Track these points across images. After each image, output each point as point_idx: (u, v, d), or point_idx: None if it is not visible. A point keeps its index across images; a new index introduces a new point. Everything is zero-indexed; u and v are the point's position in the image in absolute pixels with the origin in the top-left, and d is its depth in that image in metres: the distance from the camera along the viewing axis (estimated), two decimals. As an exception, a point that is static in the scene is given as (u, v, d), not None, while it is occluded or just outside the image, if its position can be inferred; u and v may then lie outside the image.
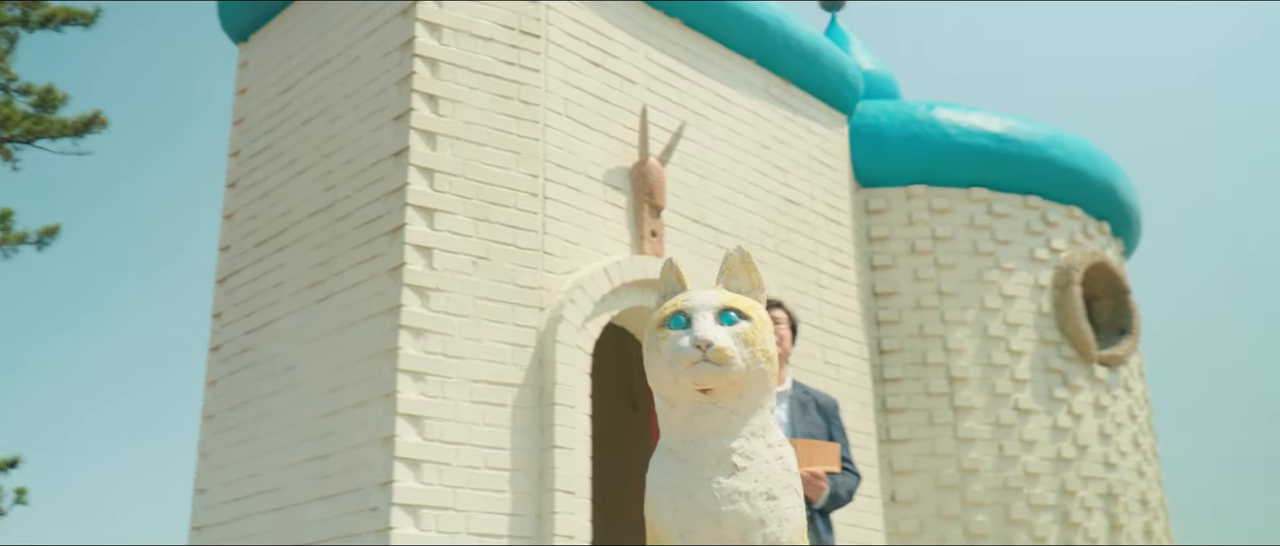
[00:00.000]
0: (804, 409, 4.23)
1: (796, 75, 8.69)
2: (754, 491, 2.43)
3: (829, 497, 4.12)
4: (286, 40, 7.74)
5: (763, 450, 2.49)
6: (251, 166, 7.67)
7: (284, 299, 7.03)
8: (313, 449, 6.48)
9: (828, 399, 4.34)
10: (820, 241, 8.55)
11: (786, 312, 4.34)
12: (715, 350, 2.39)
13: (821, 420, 4.26)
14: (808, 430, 4.18)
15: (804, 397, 4.27)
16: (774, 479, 2.47)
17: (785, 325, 4.31)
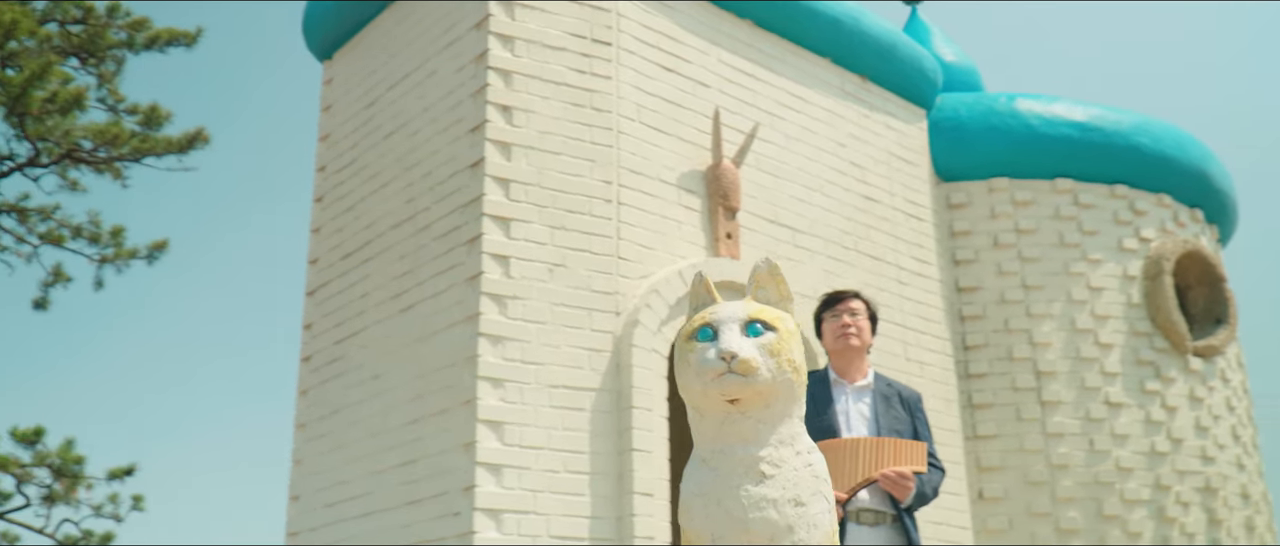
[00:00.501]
0: (888, 403, 4.14)
1: (873, 71, 8.66)
2: (782, 498, 2.49)
3: (916, 496, 4.01)
4: (368, 57, 7.94)
5: (791, 457, 2.54)
6: (337, 181, 7.89)
7: (369, 309, 7.23)
8: (398, 455, 6.66)
9: (911, 392, 4.24)
10: (900, 238, 8.50)
11: (865, 303, 4.25)
12: (740, 361, 2.45)
13: (906, 414, 4.16)
14: (892, 424, 4.09)
15: (887, 391, 4.17)
16: (802, 486, 2.52)
17: (864, 316, 4.21)
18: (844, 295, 4.24)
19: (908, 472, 3.92)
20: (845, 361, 4.13)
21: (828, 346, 4.17)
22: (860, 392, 4.12)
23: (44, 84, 15.12)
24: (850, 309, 4.16)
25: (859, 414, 4.09)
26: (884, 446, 3.91)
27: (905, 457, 3.94)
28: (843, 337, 4.12)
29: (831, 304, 4.23)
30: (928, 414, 4.48)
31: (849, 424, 4.06)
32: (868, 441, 3.92)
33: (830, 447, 3.82)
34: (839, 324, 4.13)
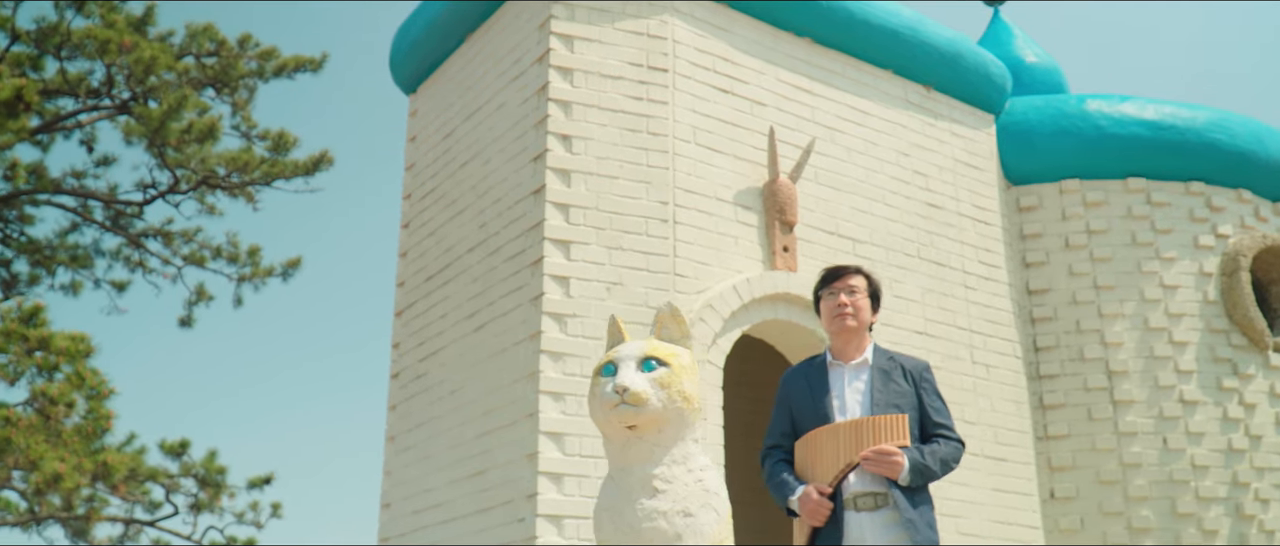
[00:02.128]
0: (887, 377, 3.88)
1: (937, 80, 8.82)
2: (672, 510, 2.89)
3: (911, 471, 3.70)
4: (447, 90, 8.47)
5: (683, 475, 2.95)
6: (421, 207, 8.44)
7: (448, 329, 7.75)
8: (472, 466, 7.16)
9: (916, 361, 3.97)
10: (966, 243, 8.66)
11: (866, 278, 4.01)
12: (631, 393, 2.87)
13: (908, 386, 3.88)
14: (891, 399, 3.82)
15: (887, 364, 3.92)
16: (692, 499, 2.92)
17: (863, 294, 3.97)
18: (841, 272, 4.02)
19: (888, 447, 3.67)
20: (842, 341, 3.93)
21: (825, 327, 3.98)
22: (857, 371, 3.92)
23: (180, 115, 16.20)
24: (848, 286, 3.95)
25: (855, 393, 3.89)
26: (862, 427, 3.73)
27: (886, 434, 3.72)
28: (839, 319, 3.92)
29: (828, 281, 4.02)
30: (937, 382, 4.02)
31: (844, 407, 3.86)
32: (844, 425, 3.76)
33: (807, 442, 3.80)
34: (834, 303, 3.93)
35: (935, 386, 3.95)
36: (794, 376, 4.01)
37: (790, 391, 3.97)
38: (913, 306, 8.15)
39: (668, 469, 2.94)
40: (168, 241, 18.03)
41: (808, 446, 3.81)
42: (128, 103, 16.93)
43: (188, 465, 17.27)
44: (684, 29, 7.70)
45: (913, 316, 8.12)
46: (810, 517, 3.71)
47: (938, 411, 3.90)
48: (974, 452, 8.12)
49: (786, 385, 4.01)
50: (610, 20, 7.51)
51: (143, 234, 17.93)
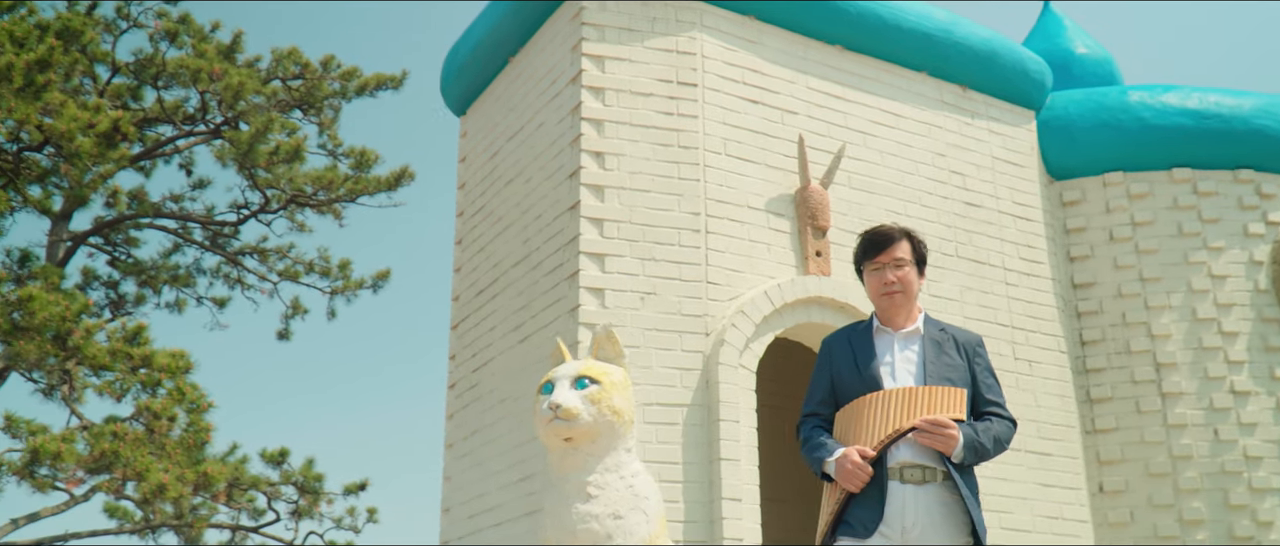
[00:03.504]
0: (939, 347, 3.70)
1: (973, 79, 8.92)
2: (603, 513, 3.18)
3: (965, 447, 3.49)
4: (492, 111, 8.84)
5: (615, 482, 3.24)
6: (472, 224, 8.82)
7: (496, 340, 8.11)
8: (520, 471, 7.51)
9: (969, 335, 3.78)
10: (1007, 240, 8.74)
11: (911, 242, 3.78)
12: (562, 410, 3.17)
13: (961, 359, 3.69)
14: (943, 372, 3.62)
15: (939, 336, 3.74)
16: (622, 503, 3.20)
17: (909, 265, 3.75)
18: (885, 242, 3.76)
19: (945, 420, 3.46)
20: (891, 311, 3.74)
21: (871, 299, 3.79)
22: (908, 340, 3.73)
23: (267, 137, 16.91)
24: (895, 260, 3.73)
25: (906, 362, 3.69)
26: (916, 395, 3.53)
27: (941, 405, 3.51)
28: (887, 297, 3.73)
29: (871, 252, 3.78)
30: (990, 358, 3.80)
31: (894, 374, 3.66)
32: (898, 392, 3.56)
33: (852, 409, 3.61)
34: (880, 281, 3.74)
35: (988, 362, 3.77)
36: (838, 340, 3.82)
37: (834, 356, 3.78)
38: (951, 305, 8.27)
39: (600, 476, 3.22)
40: (263, 258, 18.83)
41: (852, 413, 3.62)
42: (220, 127, 17.74)
43: (287, 473, 18.02)
44: (713, 44, 7.94)
45: (951, 315, 8.24)
46: (847, 481, 3.49)
47: (990, 388, 3.71)
48: (1017, 448, 8.21)
49: (830, 349, 3.81)
50: (640, 39, 7.79)
51: (240, 252, 18.74)
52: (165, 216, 18.01)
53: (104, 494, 16.13)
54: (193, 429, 14.49)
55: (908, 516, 3.46)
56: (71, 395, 15.18)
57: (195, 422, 14.54)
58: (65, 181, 15.18)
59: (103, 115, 14.25)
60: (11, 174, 15.49)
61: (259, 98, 17.65)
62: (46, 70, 13.86)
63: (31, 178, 15.44)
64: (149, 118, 17.92)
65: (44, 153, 15.19)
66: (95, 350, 13.67)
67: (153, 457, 14.03)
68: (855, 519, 3.49)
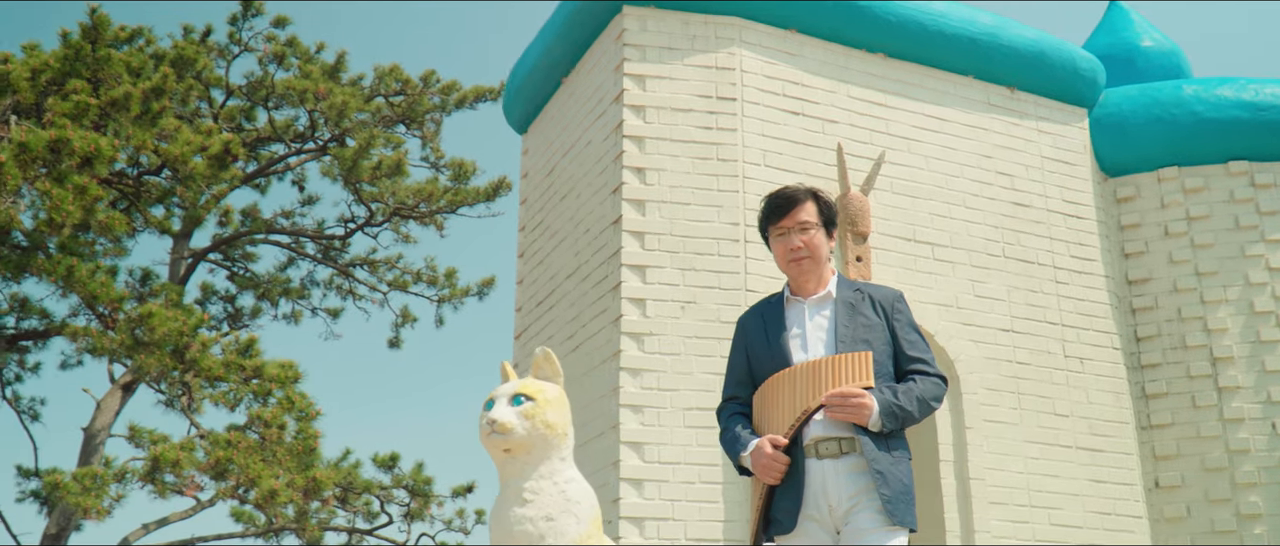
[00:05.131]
0: (853, 309, 3.50)
1: (1021, 80, 8.99)
2: (537, 516, 3.52)
3: (882, 414, 3.31)
4: (549, 130, 9.24)
5: (548, 487, 3.57)
6: (532, 238, 9.24)
7: (553, 349, 8.50)
8: (573, 473, 7.88)
9: (886, 290, 3.60)
10: (1057, 238, 8.79)
11: (819, 204, 3.60)
12: (498, 425, 3.52)
13: (878, 317, 3.50)
14: (858, 334, 3.44)
15: (853, 297, 3.54)
16: (553, 507, 3.54)
17: (816, 227, 3.56)
18: (787, 204, 3.58)
19: (853, 390, 3.29)
20: (801, 278, 3.57)
21: (780, 268, 3.62)
22: (819, 305, 3.55)
23: (370, 153, 17.65)
24: (799, 223, 3.55)
25: (817, 330, 3.50)
26: (820, 369, 3.36)
27: (846, 374, 3.34)
28: (794, 263, 3.56)
29: (774, 216, 3.60)
30: (911, 311, 3.68)
31: (806, 345, 3.48)
32: (801, 368, 3.39)
33: (763, 390, 3.48)
34: (786, 247, 3.56)
35: (910, 317, 3.58)
36: (751, 315, 3.66)
37: (747, 334, 3.63)
38: (998, 305, 8.38)
39: (536, 483, 3.57)
40: (373, 269, 19.62)
41: (765, 395, 3.48)
42: (327, 144, 18.56)
43: (399, 477, 18.78)
44: (752, 58, 8.19)
45: (998, 315, 8.35)
46: (764, 474, 3.34)
47: (913, 345, 3.52)
48: (1067, 445, 8.28)
49: (743, 327, 3.67)
50: (680, 57, 8.09)
51: (351, 264, 19.57)
52: (278, 232, 18.92)
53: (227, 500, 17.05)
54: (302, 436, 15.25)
55: (831, 494, 3.30)
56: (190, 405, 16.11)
57: (304, 430, 15.31)
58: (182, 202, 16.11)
59: (214, 138, 15.10)
60: (133, 197, 16.48)
61: (363, 114, 18.43)
62: (161, 97, 14.74)
63: (151, 200, 16.40)
64: (262, 137, 18.85)
65: (161, 175, 16.14)
66: (210, 362, 14.52)
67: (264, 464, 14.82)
68: (780, 512, 3.34)
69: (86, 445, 18.21)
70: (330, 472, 15.37)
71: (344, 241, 19.15)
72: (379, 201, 18.21)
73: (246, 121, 18.85)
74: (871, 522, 3.27)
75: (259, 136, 18.84)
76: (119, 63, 15.03)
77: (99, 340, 14.24)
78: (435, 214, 18.38)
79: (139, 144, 14.66)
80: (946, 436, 7.91)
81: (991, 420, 8.06)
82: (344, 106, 17.39)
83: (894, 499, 3.27)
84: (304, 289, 19.67)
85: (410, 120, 18.90)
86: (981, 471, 7.87)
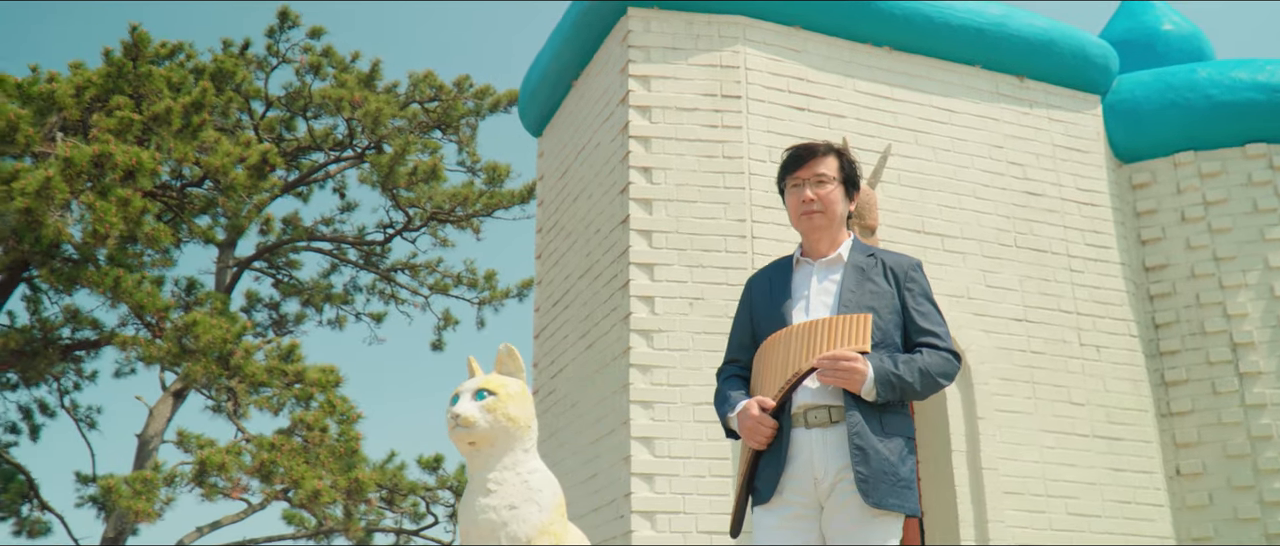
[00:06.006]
0: (862, 273, 3.31)
1: (1030, 69, 8.96)
2: (500, 505, 3.65)
3: (878, 383, 3.09)
4: (562, 132, 9.36)
5: (511, 478, 3.70)
6: (548, 240, 9.37)
7: (567, 348, 8.63)
8: (587, 470, 8.00)
9: (902, 257, 3.40)
10: (1070, 226, 8.77)
11: (838, 159, 3.44)
12: (461, 419, 3.64)
13: (888, 285, 3.31)
14: (864, 300, 3.25)
15: (865, 261, 3.36)
16: (516, 496, 3.66)
17: (833, 182, 3.38)
18: (806, 155, 3.43)
19: (847, 353, 3.08)
20: (813, 237, 3.40)
21: (792, 224, 3.45)
22: (829, 268, 3.38)
23: (406, 159, 17.89)
24: (816, 175, 3.37)
25: (822, 294, 3.32)
26: (816, 330, 3.16)
27: (843, 336, 3.13)
28: (806, 217, 3.37)
29: (790, 167, 3.44)
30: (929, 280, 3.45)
31: (808, 309, 3.31)
32: (797, 328, 3.20)
33: (763, 349, 3.29)
34: (799, 199, 3.39)
35: (926, 287, 3.37)
36: (758, 278, 3.53)
37: (753, 296, 3.48)
38: (1010, 295, 8.38)
39: (499, 473, 3.70)
40: (414, 273, 19.88)
41: (759, 358, 3.31)
42: (364, 152, 18.84)
43: (443, 478, 19.00)
44: (756, 56, 8.26)
45: (1011, 304, 8.35)
46: (748, 437, 3.16)
47: (924, 316, 3.31)
48: (1084, 433, 8.26)
49: (749, 288, 3.53)
50: (684, 57, 8.18)
51: (392, 268, 19.84)
52: (319, 239, 19.23)
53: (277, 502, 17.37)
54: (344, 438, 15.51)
55: (817, 466, 3.09)
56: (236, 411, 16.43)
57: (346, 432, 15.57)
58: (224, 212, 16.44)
59: (252, 149, 15.40)
60: (177, 208, 16.84)
61: (399, 121, 18.70)
62: (201, 111, 15.06)
63: (195, 210, 16.75)
64: (302, 147, 19.19)
65: (204, 186, 16.49)
66: (254, 368, 14.82)
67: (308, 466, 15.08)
68: (762, 480, 3.16)
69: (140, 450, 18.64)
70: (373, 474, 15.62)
71: (384, 247, 19.43)
72: (416, 206, 18.46)
73: (286, 131, 19.19)
74: (856, 505, 3.05)
75: (299, 146, 19.16)
76: (160, 78, 15.37)
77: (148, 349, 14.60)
78: (471, 217, 18.60)
79: (181, 156, 15.00)
80: (959, 427, 7.92)
81: (1005, 410, 8.06)
82: (378, 114, 17.65)
83: (872, 478, 3.02)
84: (347, 294, 19.97)
85: (445, 125, 19.14)
86: (995, 461, 7.88)
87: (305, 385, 15.26)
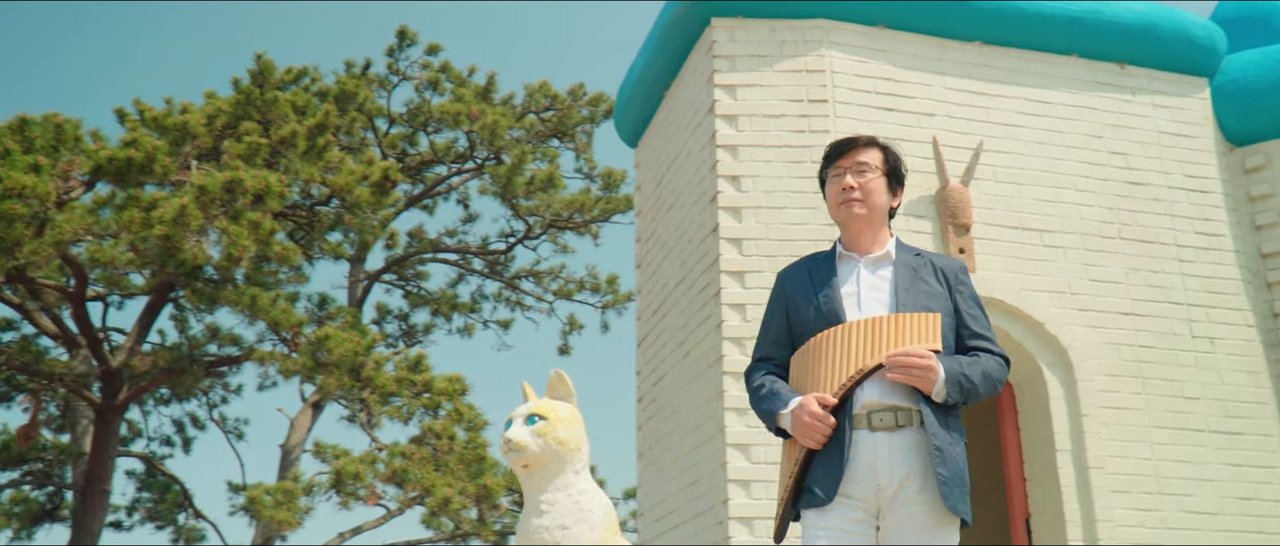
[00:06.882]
0: (915, 273, 3.21)
1: (1130, 55, 8.72)
2: (552, 526, 3.79)
3: (948, 383, 2.99)
4: (657, 142, 9.47)
5: (563, 499, 3.84)
6: (647, 249, 9.49)
7: (667, 356, 8.74)
8: (688, 477, 8.10)
9: (950, 260, 3.30)
10: (1179, 215, 8.51)
11: (883, 152, 3.36)
12: (512, 444, 3.79)
13: (940, 286, 3.21)
14: (919, 300, 3.15)
15: (915, 261, 3.26)
16: (568, 517, 3.81)
17: (876, 173, 3.29)
18: (847, 146, 3.34)
19: (919, 351, 2.96)
20: (854, 231, 3.29)
21: (832, 216, 3.35)
22: (877, 265, 3.25)
23: (523, 169, 18.25)
24: (856, 164, 3.29)
25: (874, 291, 3.19)
26: (882, 325, 3.04)
27: (913, 334, 3.01)
28: (845, 205, 3.27)
29: (831, 157, 3.37)
30: (974, 287, 3.30)
31: (860, 304, 3.17)
32: (860, 324, 3.07)
33: (815, 345, 3.12)
34: (838, 188, 3.30)
35: (973, 290, 3.30)
36: (794, 271, 3.38)
37: (789, 289, 3.33)
38: (1116, 288, 8.18)
39: (551, 495, 3.85)
40: (538, 280, 20.24)
41: (809, 354, 3.13)
42: (484, 163, 19.26)
43: (572, 481, 19.34)
44: (842, 58, 8.23)
45: (1117, 298, 8.16)
46: (805, 436, 3.00)
47: (975, 320, 3.22)
48: (1198, 428, 8.03)
49: (784, 282, 3.38)
50: (769, 64, 8.21)
51: (516, 276, 20.23)
52: (444, 250, 19.72)
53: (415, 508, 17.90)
54: (471, 445, 15.91)
55: (882, 472, 2.95)
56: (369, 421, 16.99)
57: (473, 439, 15.97)
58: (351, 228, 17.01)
59: (374, 167, 15.91)
60: (307, 226, 17.48)
61: (516, 131, 19.07)
62: (324, 132, 15.62)
63: (324, 228, 17.38)
64: (425, 161, 19.71)
65: (331, 205, 17.10)
66: (384, 379, 15.31)
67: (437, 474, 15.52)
68: (817, 482, 3.00)
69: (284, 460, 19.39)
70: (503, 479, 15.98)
71: (506, 255, 19.83)
72: (535, 215, 18.80)
73: (409, 147, 19.73)
74: (923, 511, 2.95)
75: (422, 160, 19.69)
76: (285, 103, 15.99)
77: (284, 363, 15.22)
78: (589, 223, 18.85)
79: (308, 177, 15.58)
80: (1062, 425, 7.78)
81: (1112, 407, 7.89)
82: (495, 126, 18.03)
83: (951, 481, 2.93)
84: (475, 303, 20.44)
85: (561, 133, 19.45)
86: (1102, 459, 7.72)
87: (433, 394, 15.71)
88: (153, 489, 19.24)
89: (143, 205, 13.16)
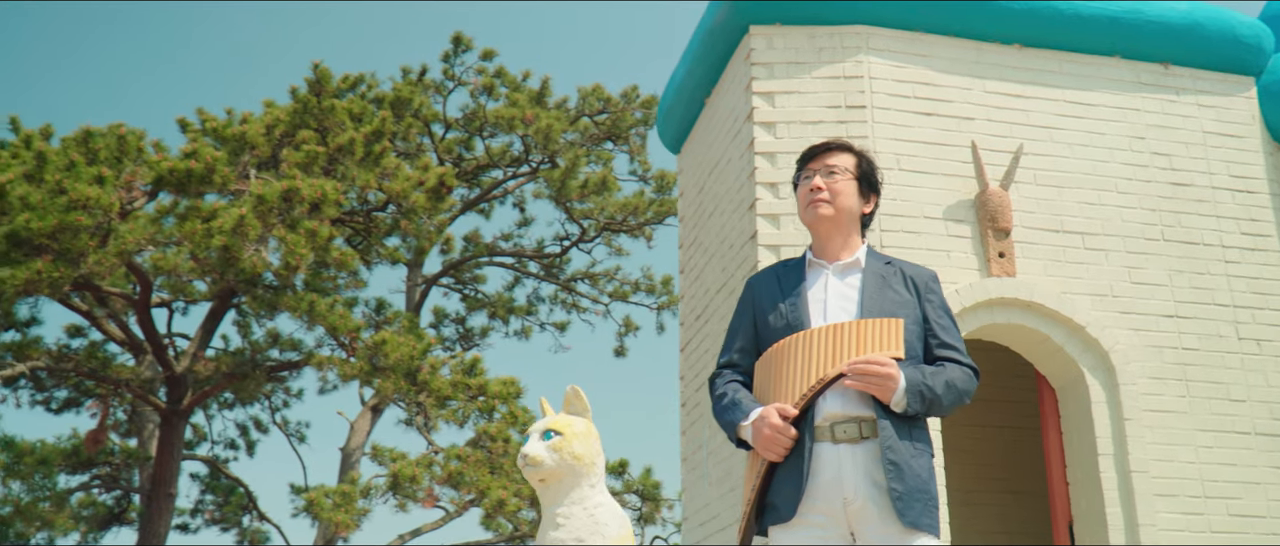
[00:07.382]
0: (883, 281, 3.16)
1: (1173, 55, 8.64)
2: (568, 539, 3.89)
3: (909, 392, 2.92)
4: (698, 149, 9.55)
5: (579, 513, 3.94)
6: (690, 255, 9.57)
7: (709, 362, 8.81)
8: (729, 482, 8.17)
9: (921, 269, 3.26)
10: (1224, 216, 8.43)
11: (855, 156, 3.32)
12: (529, 458, 3.90)
13: (909, 294, 3.16)
14: (886, 307, 3.09)
15: (884, 269, 3.21)
16: (583, 530, 3.90)
17: (847, 175, 3.25)
18: (819, 149, 3.32)
19: (880, 358, 2.90)
20: (823, 236, 3.25)
21: (801, 219, 3.31)
22: (845, 272, 3.21)
23: (577, 172, 18.39)
24: (826, 166, 3.26)
25: (841, 298, 3.14)
26: (843, 332, 2.96)
27: (874, 341, 2.94)
28: (812, 206, 3.23)
29: (802, 162, 3.33)
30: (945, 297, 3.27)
31: (826, 312, 3.11)
32: (821, 331, 3.00)
33: (776, 352, 3.05)
34: (807, 189, 3.26)
35: (943, 299, 3.25)
36: (763, 277, 3.36)
37: (757, 295, 3.30)
38: (1159, 291, 8.12)
39: (567, 508, 3.95)
40: (594, 283, 20.39)
41: (770, 362, 3.07)
42: (538, 167, 19.43)
43: (629, 482, 19.43)
44: (880, 64, 8.25)
45: (1160, 301, 8.10)
46: (765, 449, 2.94)
47: (945, 330, 3.16)
48: (1245, 430, 7.96)
49: (752, 288, 3.35)
50: (807, 71, 8.25)
51: (571, 279, 20.40)
52: (500, 254, 19.93)
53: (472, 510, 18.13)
54: (526, 447, 16.06)
55: (847, 486, 2.88)
56: (425, 424, 17.22)
57: (527, 441, 16.12)
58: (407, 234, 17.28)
59: (430, 172, 16.14)
60: (364, 232, 17.78)
61: (571, 135, 19.22)
62: (381, 139, 15.87)
63: (381, 234, 17.66)
64: (480, 165, 19.93)
65: (387, 211, 17.37)
66: (440, 383, 15.54)
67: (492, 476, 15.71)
68: (779, 497, 2.95)
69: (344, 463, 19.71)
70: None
71: (562, 258, 19.99)
72: (590, 218, 18.93)
73: (465, 152, 19.96)
74: (886, 527, 2.86)
75: (478, 164, 19.91)
76: (342, 111, 16.26)
77: (343, 367, 15.50)
78: (643, 226, 18.95)
79: (364, 184, 15.84)
80: (1104, 430, 7.74)
81: (1155, 410, 7.84)
82: (550, 130, 18.19)
83: (907, 496, 2.85)
84: (531, 306, 20.62)
85: (615, 136, 19.56)
86: (1146, 463, 7.67)
87: (487, 398, 15.90)
88: (217, 492, 19.67)
89: (202, 215, 13.47)
